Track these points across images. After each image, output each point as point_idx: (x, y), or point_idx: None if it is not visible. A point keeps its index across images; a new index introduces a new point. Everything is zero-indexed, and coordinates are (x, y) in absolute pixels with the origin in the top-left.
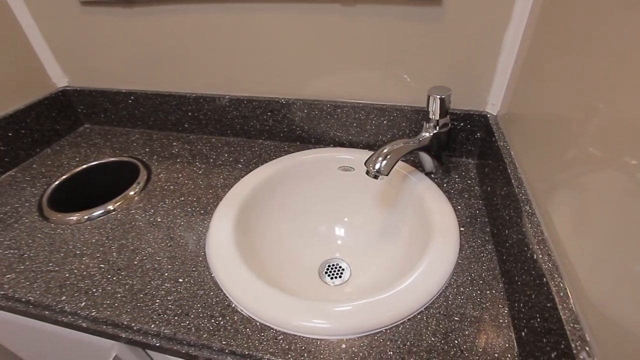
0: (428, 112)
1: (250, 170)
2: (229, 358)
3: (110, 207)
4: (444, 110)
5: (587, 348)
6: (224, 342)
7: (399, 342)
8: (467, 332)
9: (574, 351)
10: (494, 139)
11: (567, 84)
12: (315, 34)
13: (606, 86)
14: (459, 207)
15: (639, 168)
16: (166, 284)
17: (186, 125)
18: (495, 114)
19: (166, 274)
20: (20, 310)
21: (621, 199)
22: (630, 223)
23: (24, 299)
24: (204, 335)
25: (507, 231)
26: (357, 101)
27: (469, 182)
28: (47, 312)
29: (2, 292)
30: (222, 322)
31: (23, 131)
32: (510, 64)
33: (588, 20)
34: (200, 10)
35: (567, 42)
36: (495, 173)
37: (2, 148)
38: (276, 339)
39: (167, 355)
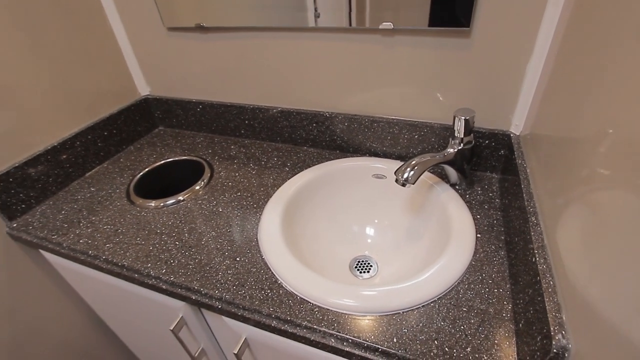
0: (454, 130)
1: (296, 173)
2: (274, 322)
3: (181, 198)
4: (468, 129)
5: (563, 332)
6: (271, 309)
7: (412, 323)
8: (472, 321)
9: (552, 333)
10: (514, 156)
11: (577, 111)
12: (358, 58)
13: (613, 114)
14: (478, 217)
15: (627, 186)
16: (226, 261)
17: (242, 131)
18: (518, 134)
19: (226, 253)
20: (116, 272)
21: (606, 213)
22: (608, 234)
23: (119, 264)
24: (256, 302)
25: (516, 239)
26: (391, 117)
27: (490, 194)
28: (136, 275)
29: (103, 257)
30: (269, 294)
31: (115, 131)
32: (532, 90)
33: (599, 57)
34: (260, 37)
35: (581, 74)
36: (513, 188)
37: (99, 144)
38: (312, 311)
39: (219, 318)
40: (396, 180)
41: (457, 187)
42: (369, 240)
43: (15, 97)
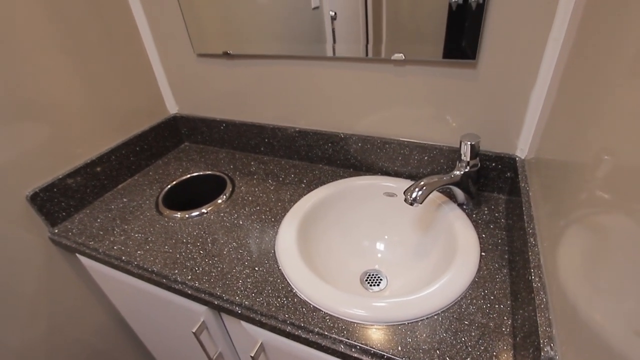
0: (460, 154)
1: (312, 190)
2: (289, 327)
3: (204, 210)
4: (474, 153)
5: (551, 344)
6: (286, 316)
7: (417, 333)
8: (473, 334)
9: (541, 345)
10: (518, 179)
11: (576, 138)
12: (371, 84)
13: (608, 142)
14: (484, 236)
15: (618, 209)
16: (246, 270)
17: (262, 149)
18: (523, 157)
19: (246, 263)
20: (146, 277)
21: (598, 236)
22: (599, 256)
23: (149, 269)
24: (272, 309)
25: (517, 258)
26: (402, 139)
27: (496, 214)
28: (164, 280)
29: (135, 263)
30: (285, 302)
31: (145, 147)
32: (536, 117)
33: (595, 89)
34: (281, 64)
35: (579, 104)
36: (516, 209)
37: (132, 159)
38: (324, 319)
39: (238, 323)
40: (405, 200)
41: (464, 206)
42: (379, 255)
43: (62, 114)
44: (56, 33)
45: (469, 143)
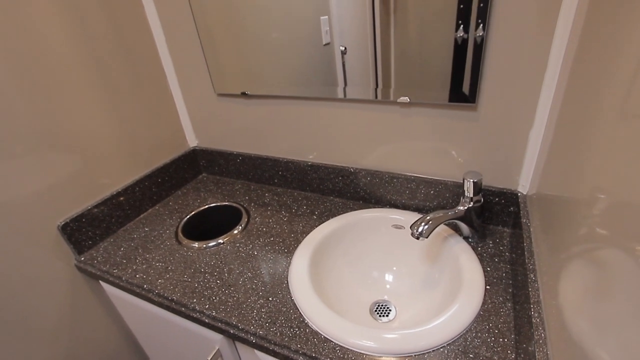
0: (464, 190)
1: (323, 221)
2: (301, 357)
3: (221, 241)
4: (477, 189)
5: None
6: (298, 346)
7: None
8: None
9: None
10: (520, 215)
11: (573, 176)
12: (379, 123)
13: (603, 182)
14: (489, 269)
15: (612, 244)
16: (260, 300)
17: (276, 181)
18: (525, 193)
19: (260, 293)
20: (166, 305)
21: (595, 272)
22: (597, 293)
23: (169, 298)
24: (285, 339)
25: (520, 292)
26: (409, 174)
27: (501, 248)
28: (183, 309)
29: (156, 291)
30: (297, 332)
31: (167, 178)
32: (535, 155)
33: (588, 131)
34: (295, 104)
35: (575, 144)
36: (519, 244)
37: (154, 190)
38: (334, 350)
39: (252, 352)
40: (412, 234)
41: (469, 239)
42: (388, 286)
43: (92, 146)
44: (89, 72)
45: (471, 180)
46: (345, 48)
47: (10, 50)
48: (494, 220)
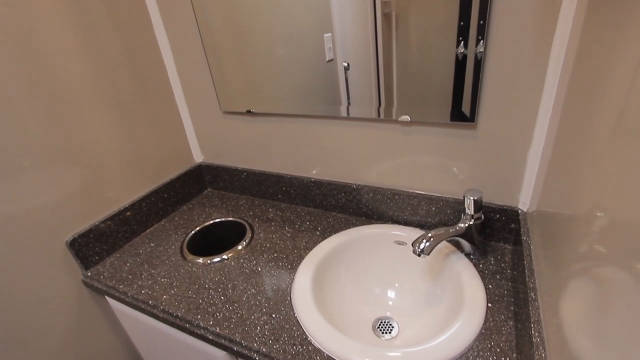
0: (464, 207)
1: (326, 237)
2: None
3: (225, 256)
4: (477, 207)
5: None
6: None
7: None
8: None
9: None
10: (521, 232)
11: (571, 195)
12: (381, 141)
13: (600, 198)
14: (490, 286)
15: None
16: (264, 317)
17: (280, 196)
18: (525, 210)
19: (264, 310)
20: (171, 321)
21: (594, 292)
22: (596, 311)
23: (174, 314)
24: (288, 357)
25: (521, 311)
26: (411, 191)
27: (502, 265)
28: (187, 325)
29: (161, 307)
30: (300, 349)
31: (172, 193)
32: (534, 173)
33: (584, 150)
34: (299, 122)
35: (572, 162)
36: (520, 262)
37: (160, 205)
38: None
39: None
40: (413, 251)
41: (471, 256)
42: (390, 303)
43: (101, 161)
44: (99, 89)
45: (471, 198)
46: (348, 64)
47: (25, 67)
48: (495, 237)
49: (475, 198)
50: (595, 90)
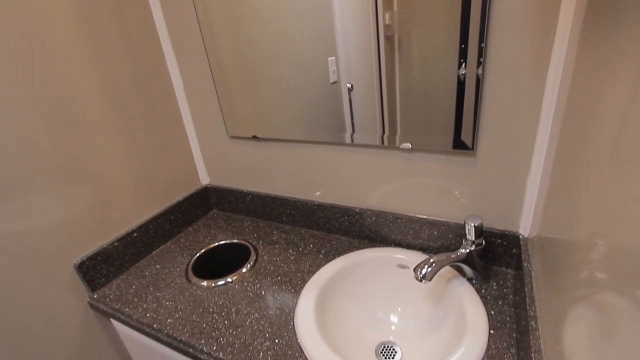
0: (465, 233)
1: (329, 261)
2: None
3: (229, 279)
4: (478, 232)
5: None
6: None
7: None
8: None
9: None
10: (522, 258)
11: (570, 221)
12: (383, 167)
13: (599, 225)
14: (492, 312)
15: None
16: (267, 342)
17: (284, 219)
18: (526, 236)
19: (267, 335)
20: (175, 345)
21: (595, 321)
22: (595, 341)
23: (178, 338)
24: None
25: (523, 338)
26: (413, 215)
27: (504, 290)
28: (191, 350)
29: (165, 331)
30: None
31: (179, 215)
32: (534, 199)
33: (582, 179)
34: (304, 147)
35: (571, 190)
36: (522, 288)
37: (166, 227)
38: None
39: None
40: (415, 277)
41: (473, 281)
42: (393, 327)
43: (109, 183)
44: (112, 113)
45: (472, 224)
46: (352, 85)
47: (41, 92)
48: (497, 262)
49: (476, 224)
50: (589, 120)
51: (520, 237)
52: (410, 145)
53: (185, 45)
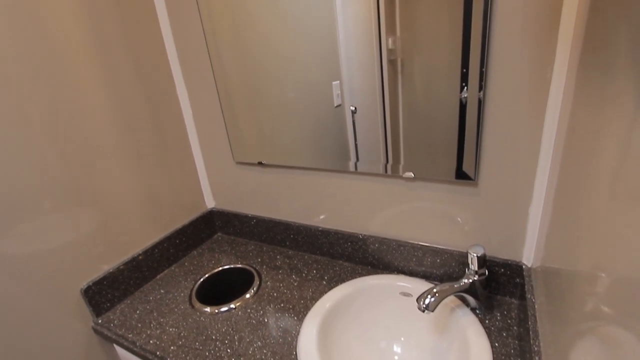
0: (468, 263)
1: (332, 287)
2: None
3: (233, 306)
4: (481, 262)
5: None
6: None
7: None
8: None
9: None
10: (525, 289)
11: (572, 252)
12: (387, 195)
13: (601, 258)
14: (497, 344)
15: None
16: None
17: (287, 243)
18: (530, 265)
19: None
20: None
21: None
22: None
23: None
24: None
25: None
26: (415, 242)
27: (508, 321)
28: None
29: (168, 359)
30: None
31: (184, 239)
32: (536, 230)
33: (584, 208)
34: (308, 174)
35: (573, 221)
36: (526, 319)
37: (171, 250)
38: None
39: None
40: (418, 307)
41: (477, 311)
42: (397, 357)
43: (118, 207)
44: (122, 137)
45: (474, 255)
46: (356, 108)
47: (53, 116)
48: (501, 291)
49: (479, 255)
50: (589, 152)
51: (524, 266)
52: (413, 175)
53: (194, 71)
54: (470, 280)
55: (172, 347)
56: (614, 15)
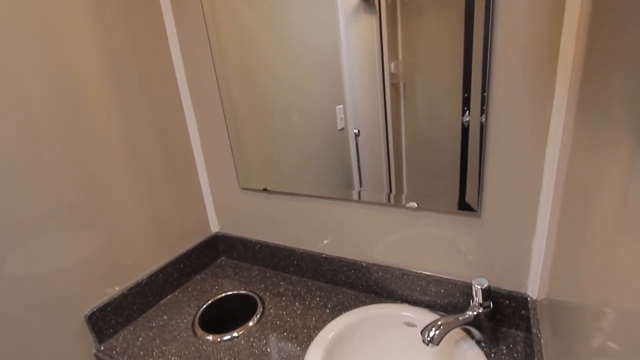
0: (472, 295)
1: (335, 316)
2: None
3: (235, 334)
4: (485, 295)
5: None
6: None
7: None
8: None
9: None
10: (531, 323)
11: (576, 286)
12: (390, 223)
13: (605, 292)
14: None
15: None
16: None
17: (291, 269)
18: (535, 298)
19: None
20: None
21: None
22: None
23: None
24: None
25: None
26: (419, 272)
27: (514, 355)
28: None
29: None
30: None
31: (188, 263)
32: (540, 262)
33: (587, 242)
34: (312, 201)
35: (576, 255)
36: (532, 356)
37: (175, 276)
38: None
39: None
40: (422, 340)
41: (482, 343)
42: None
43: (123, 230)
44: (131, 161)
45: (479, 287)
46: (359, 130)
47: (64, 139)
48: (506, 323)
49: (483, 287)
50: (590, 186)
51: (529, 299)
52: (416, 205)
53: (203, 98)
54: (475, 313)
55: None
56: (609, 62)
